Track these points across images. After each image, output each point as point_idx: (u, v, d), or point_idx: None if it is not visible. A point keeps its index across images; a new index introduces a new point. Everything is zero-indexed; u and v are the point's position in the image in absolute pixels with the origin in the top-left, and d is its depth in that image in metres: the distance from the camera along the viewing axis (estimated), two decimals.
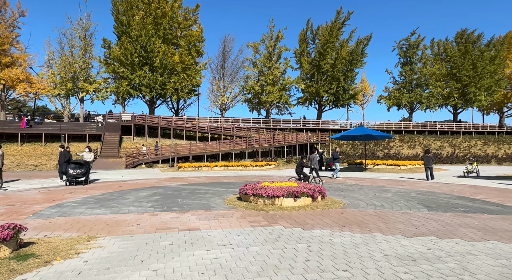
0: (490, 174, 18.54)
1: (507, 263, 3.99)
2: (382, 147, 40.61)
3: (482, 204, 8.40)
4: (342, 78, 41.27)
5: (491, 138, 44.86)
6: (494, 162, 36.72)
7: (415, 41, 45.39)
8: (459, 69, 43.93)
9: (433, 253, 4.35)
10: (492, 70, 42.87)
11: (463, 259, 4.11)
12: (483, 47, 43.82)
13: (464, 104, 46.58)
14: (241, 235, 5.20)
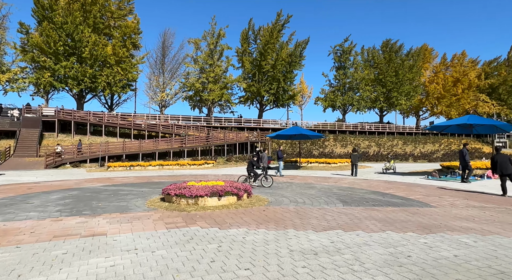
0: (404, 171, 20.82)
1: (393, 251, 4.41)
2: (318, 146, 42.98)
3: (390, 198, 9.32)
4: (282, 79, 42.60)
5: (410, 138, 50.53)
6: (411, 159, 41.44)
7: (348, 47, 48.93)
8: (384, 75, 48.59)
9: (335, 246, 4.63)
10: (411, 78, 48.32)
11: (358, 250, 4.43)
12: (404, 57, 49.14)
13: (388, 107, 51.66)
14: (151, 238, 4.94)
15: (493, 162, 10.16)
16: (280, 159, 18.12)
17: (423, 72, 52.50)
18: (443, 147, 47.71)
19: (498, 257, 4.19)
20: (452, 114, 52.73)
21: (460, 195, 9.83)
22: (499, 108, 53.22)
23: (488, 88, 54.61)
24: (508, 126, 15.48)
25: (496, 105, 53.23)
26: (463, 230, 5.63)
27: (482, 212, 7.30)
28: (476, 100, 52.29)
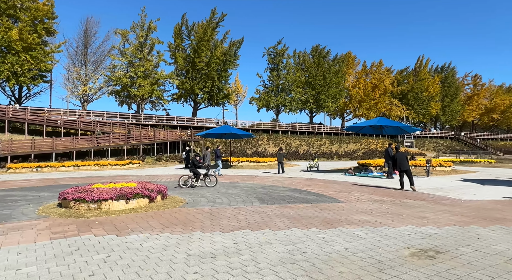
0: (327, 168, 22.30)
1: (292, 248, 4.50)
2: (251, 145, 43.66)
3: (306, 194, 9.75)
4: (216, 77, 42.20)
5: (336, 138, 54.64)
6: (336, 158, 44.78)
7: (281, 50, 50.75)
8: (314, 79, 51.65)
9: (237, 247, 4.54)
10: (337, 82, 52.26)
11: (259, 250, 4.41)
12: (331, 62, 52.94)
13: (317, 109, 55.06)
14: (24, 252, 4.23)
15: (393, 160, 11.38)
16: (219, 158, 17.90)
17: (347, 77, 57.24)
18: (363, 147, 52.65)
19: (381, 247, 4.56)
20: (371, 116, 58.52)
21: (367, 190, 10.78)
22: (408, 112, 60.84)
23: (399, 94, 61.99)
24: (409, 128, 17.64)
25: (406, 110, 60.75)
26: (359, 223, 6.08)
27: (380, 205, 8.05)
28: (390, 105, 58.94)
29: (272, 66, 51.96)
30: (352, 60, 58.24)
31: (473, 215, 6.89)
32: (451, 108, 65.13)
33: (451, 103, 65.17)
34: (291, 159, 38.24)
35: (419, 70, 64.11)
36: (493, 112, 68.59)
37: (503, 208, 7.73)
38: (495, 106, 68.11)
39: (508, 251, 4.44)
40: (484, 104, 69.14)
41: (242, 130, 48.94)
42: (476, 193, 10.25)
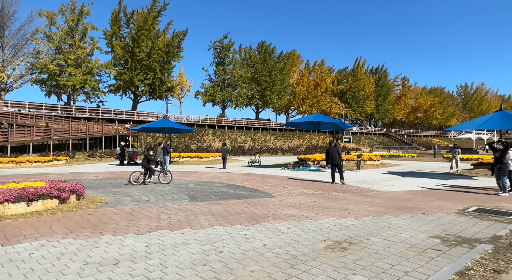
0: (268, 163, 22.62)
1: (208, 248, 4.25)
2: (196, 141, 42.60)
3: (241, 190, 9.62)
4: (158, 69, 40.19)
5: (280, 134, 56.07)
6: (280, 153, 45.92)
7: (227, 44, 50.24)
8: (260, 75, 52.20)
9: (148, 250, 4.15)
10: (282, 79, 53.53)
11: (171, 252, 4.08)
12: (276, 59, 53.97)
13: (263, 105, 55.82)
14: None
15: (326, 154, 11.84)
16: (167, 154, 16.98)
17: (292, 75, 59.00)
18: (306, 142, 54.87)
19: (299, 242, 4.55)
20: (313, 113, 61.28)
21: (301, 184, 11.05)
22: (346, 110, 64.96)
23: (339, 93, 65.84)
24: (344, 124, 18.68)
25: (345, 107, 64.79)
26: (285, 217, 6.09)
27: (309, 199, 8.25)
28: (331, 102, 62.32)
29: (218, 60, 51.21)
30: (296, 58, 60.13)
31: (390, 205, 7.39)
32: (383, 107, 71.15)
33: (384, 102, 71.19)
34: (236, 155, 38.17)
35: (357, 71, 68.75)
36: (417, 111, 76.65)
37: (415, 198, 8.46)
38: (419, 106, 76.17)
39: (411, 239, 4.75)
40: (410, 104, 76.89)
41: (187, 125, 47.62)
42: (396, 185, 11.14)
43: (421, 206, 7.37)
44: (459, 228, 5.40)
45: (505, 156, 8.74)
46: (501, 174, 8.81)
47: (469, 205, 7.48)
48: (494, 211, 6.86)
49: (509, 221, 6.00)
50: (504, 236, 4.96)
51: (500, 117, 12.08)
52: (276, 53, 55.17)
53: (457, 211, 6.81)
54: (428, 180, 12.76)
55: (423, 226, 5.56)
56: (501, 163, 8.84)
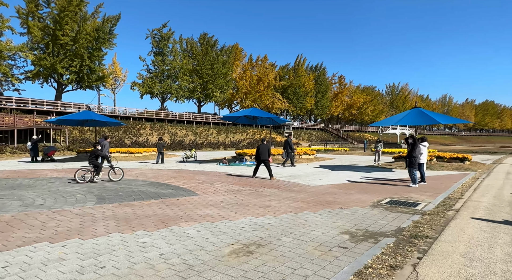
0: (205, 158, 21.93)
1: (89, 263, 3.55)
2: (131, 135, 39.82)
3: (163, 188, 8.87)
4: (87, 56, 36.40)
5: (223, 128, 55.41)
6: (222, 147, 45.34)
7: (167, 33, 47.68)
8: (202, 67, 50.70)
9: (0, 274, 3.30)
10: (224, 72, 52.73)
11: (34, 273, 3.29)
12: (218, 52, 52.92)
13: (205, 98, 54.47)
14: None
15: (257, 150, 11.65)
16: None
17: (235, 69, 58.54)
18: (249, 137, 55.11)
19: (204, 247, 4.10)
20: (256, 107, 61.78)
21: (231, 180, 10.67)
22: (288, 105, 66.80)
23: (281, 89, 67.36)
24: (279, 119, 18.84)
25: (287, 103, 66.55)
26: (199, 218, 5.60)
27: (234, 196, 7.89)
28: (273, 98, 63.45)
29: (156, 50, 48.38)
30: (239, 52, 59.76)
31: (312, 200, 7.37)
32: (322, 103, 74.81)
33: (322, 99, 74.86)
34: (175, 149, 36.59)
35: (298, 68, 71.00)
36: (352, 108, 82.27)
37: (337, 192, 8.65)
38: (353, 103, 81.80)
39: (322, 236, 4.63)
40: (346, 101, 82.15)
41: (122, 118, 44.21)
42: (324, 179, 11.42)
43: (341, 200, 7.50)
44: (370, 222, 5.49)
45: (415, 150, 9.40)
46: (411, 166, 9.47)
47: (383, 197, 7.83)
48: (404, 202, 7.25)
49: (414, 212, 6.33)
50: (407, 228, 5.13)
51: (414, 114, 13.13)
52: (218, 46, 54.10)
53: (372, 204, 7.04)
54: (353, 173, 13.39)
55: (338, 221, 5.54)
56: (411, 156, 9.50)
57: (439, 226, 5.25)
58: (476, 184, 10.21)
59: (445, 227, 5.16)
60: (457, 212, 6.29)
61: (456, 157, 16.34)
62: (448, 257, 3.81)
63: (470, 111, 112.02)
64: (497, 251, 4.06)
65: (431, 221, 5.57)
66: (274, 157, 20.47)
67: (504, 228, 5.15)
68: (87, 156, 20.81)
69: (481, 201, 7.43)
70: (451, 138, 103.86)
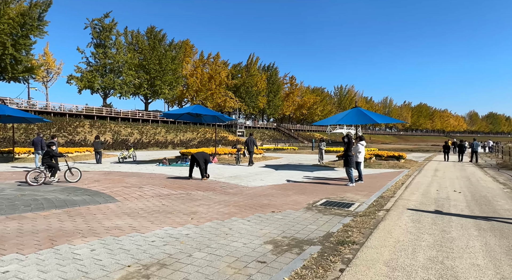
0: (146, 159, 20.44)
1: None
2: (67, 133, 36.21)
3: (78, 194, 7.67)
4: (10, 43, 32.12)
5: (173, 126, 53.14)
6: (170, 147, 43.34)
7: (109, 24, 44.21)
8: (149, 62, 47.97)
9: None
10: (173, 69, 50.51)
11: None
12: (167, 47, 50.53)
13: (153, 95, 51.70)
14: None
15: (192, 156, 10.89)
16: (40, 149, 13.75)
17: (185, 66, 56.51)
18: (200, 136, 53.60)
19: (88, 274, 3.27)
20: (208, 106, 60.33)
21: (165, 183, 9.74)
22: (240, 104, 66.40)
23: (233, 87, 66.74)
24: (223, 117, 18.19)
25: (239, 102, 66.09)
26: (104, 232, 4.70)
27: (159, 201, 7.04)
28: (226, 96, 62.57)
29: (97, 42, 44.63)
30: (189, 48, 57.83)
31: (245, 204, 6.83)
32: (274, 103, 75.76)
33: (274, 98, 75.82)
34: (118, 149, 33.99)
35: (250, 67, 70.98)
36: (303, 108, 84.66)
37: (275, 193, 8.24)
38: (304, 103, 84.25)
39: (242, 248, 4.06)
40: (297, 101, 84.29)
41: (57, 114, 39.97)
42: (265, 179, 11.00)
43: (276, 202, 7.07)
44: (299, 227, 5.08)
45: (351, 149, 9.38)
46: (348, 165, 9.44)
47: (319, 198, 7.58)
48: (338, 203, 7.04)
49: (347, 213, 6.10)
50: (336, 233, 4.80)
51: (354, 114, 13.37)
52: (167, 41, 51.66)
53: (307, 206, 6.71)
54: (297, 172, 13.23)
55: (265, 228, 5.04)
56: (347, 155, 9.48)
57: (368, 229, 5.02)
58: (408, 181, 10.57)
59: (373, 230, 4.93)
60: (387, 212, 6.20)
61: (392, 156, 17.15)
62: (371, 267, 3.47)
63: (407, 113, 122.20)
64: (420, 256, 3.85)
65: (361, 223, 5.34)
66: (220, 157, 19.78)
67: (428, 228, 5.08)
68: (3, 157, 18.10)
69: (410, 199, 7.53)
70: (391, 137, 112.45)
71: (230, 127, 65.28)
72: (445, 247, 4.16)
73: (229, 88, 65.54)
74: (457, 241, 4.43)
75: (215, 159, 17.53)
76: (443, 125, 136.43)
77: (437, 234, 4.76)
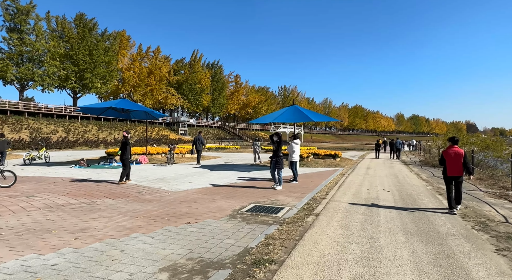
0: (63, 159, 17.83)
1: None
2: None
3: None
4: None
5: (107, 124, 48.58)
6: (102, 146, 39.44)
7: (26, 6, 38.52)
8: (77, 53, 43.10)
9: None
10: (107, 61, 46.14)
11: None
12: (99, 37, 45.97)
13: (82, 89, 46.66)
14: None
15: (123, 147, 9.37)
16: None
17: (121, 58, 52.21)
18: (138, 134, 49.94)
19: None
20: (147, 102, 56.62)
21: (68, 189, 8.10)
22: (183, 101, 63.69)
23: (176, 84, 63.76)
24: (156, 113, 16.63)
25: (182, 99, 63.33)
26: None
27: (46, 215, 5.58)
28: (167, 93, 59.39)
29: (11, 26, 38.63)
30: (126, 40, 53.56)
31: (157, 214, 5.74)
32: (219, 101, 74.36)
33: (219, 96, 74.43)
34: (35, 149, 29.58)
35: (194, 63, 68.58)
36: (248, 107, 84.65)
37: (200, 198, 7.27)
38: (249, 102, 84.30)
39: None
40: (242, 100, 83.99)
41: None
42: (194, 182, 9.95)
43: (197, 210, 6.11)
44: (213, 243, 4.19)
45: (281, 149, 8.70)
46: (277, 167, 8.48)
47: (248, 203, 6.82)
48: (268, 208, 6.35)
49: (273, 220, 5.41)
50: (254, 248, 4.01)
51: (291, 111, 13.00)
52: (99, 30, 46.94)
53: (231, 213, 5.87)
54: (232, 173, 12.42)
55: (170, 246, 4.05)
56: (277, 156, 8.48)
57: (293, 240, 4.34)
58: (341, 181, 10.44)
59: (298, 242, 4.27)
60: (317, 217, 5.66)
61: (329, 154, 17.35)
62: None
63: (345, 113, 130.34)
64: (345, 275, 3.23)
65: (286, 233, 4.66)
66: (153, 156, 18.13)
67: (356, 235, 4.59)
68: None
69: (342, 200, 7.17)
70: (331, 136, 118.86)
71: (173, 125, 62.28)
72: (372, 261, 3.63)
73: (171, 84, 62.44)
74: (385, 251, 3.96)
75: (145, 159, 15.90)
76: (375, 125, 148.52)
77: (365, 242, 4.28)
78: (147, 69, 55.73)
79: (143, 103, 56.63)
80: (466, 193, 8.36)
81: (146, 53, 57.16)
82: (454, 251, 3.97)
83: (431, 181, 10.81)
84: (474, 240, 4.44)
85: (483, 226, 5.17)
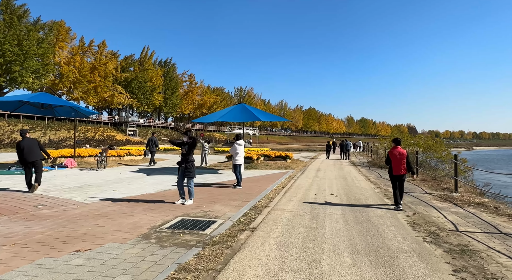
0: None
1: None
2: None
3: None
4: None
5: (41, 123, 43.62)
6: None
7: None
8: (2, 42, 37.84)
9: None
10: (41, 53, 41.24)
11: None
12: (31, 26, 40.94)
13: (10, 83, 41.18)
14: None
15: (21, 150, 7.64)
16: None
17: (59, 51, 47.25)
18: (79, 134, 45.51)
19: None
20: (90, 100, 51.98)
21: None
22: (132, 100, 59.71)
23: (124, 81, 59.58)
24: (86, 110, 14.62)
25: (130, 98, 59.31)
26: None
27: None
28: (114, 91, 55.14)
29: None
30: (65, 31, 48.56)
31: (42, 238, 4.31)
32: (172, 101, 71.15)
33: (172, 96, 71.24)
34: None
35: (144, 60, 64.83)
36: (203, 107, 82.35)
37: (115, 212, 5.89)
38: (204, 103, 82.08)
39: None
40: (197, 100, 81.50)
41: None
42: (121, 189, 8.46)
43: (103, 229, 4.78)
44: None
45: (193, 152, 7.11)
46: (187, 176, 6.48)
47: (175, 216, 5.64)
48: (197, 221, 5.23)
49: (198, 240, 4.30)
50: None
51: (238, 110, 12.02)
52: (31, 18, 41.81)
53: (147, 231, 4.65)
54: (171, 177, 11.06)
55: None
56: (187, 161, 6.53)
57: (212, 272, 3.28)
58: (289, 184, 9.67)
59: (219, 274, 3.22)
60: (252, 232, 4.67)
61: (280, 156, 16.71)
62: None
63: (299, 116, 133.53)
64: None
65: (207, 260, 3.58)
66: (83, 159, 15.96)
67: (295, 258, 3.67)
68: None
69: (286, 209, 6.30)
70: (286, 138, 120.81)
71: (120, 125, 58.05)
72: None
73: (119, 82, 58.17)
74: None
75: (73, 162, 13.79)
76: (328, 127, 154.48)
77: (304, 269, 3.37)
78: (90, 64, 51.17)
79: (85, 101, 51.91)
80: (413, 196, 8.04)
81: (89, 46, 52.48)
82: (408, 276, 3.22)
83: (379, 183, 10.54)
84: (428, 257, 3.78)
85: (435, 237, 4.60)
